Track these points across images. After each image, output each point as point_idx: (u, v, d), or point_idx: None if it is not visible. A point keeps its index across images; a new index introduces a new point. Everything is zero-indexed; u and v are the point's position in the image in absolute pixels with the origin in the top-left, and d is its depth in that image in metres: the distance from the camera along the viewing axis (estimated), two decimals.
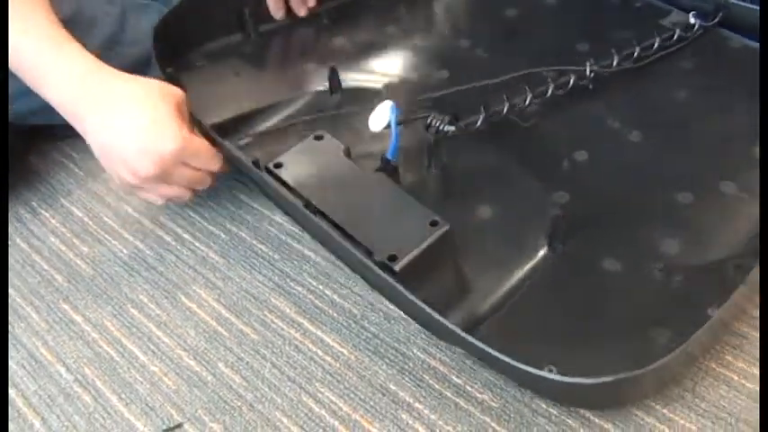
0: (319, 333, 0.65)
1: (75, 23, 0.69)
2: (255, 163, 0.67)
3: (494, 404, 0.59)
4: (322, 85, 0.79)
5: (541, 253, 0.64)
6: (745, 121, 0.71)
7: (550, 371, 0.51)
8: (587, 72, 0.74)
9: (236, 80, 0.81)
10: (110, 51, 0.73)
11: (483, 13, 0.89)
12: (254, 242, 0.73)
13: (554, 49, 0.77)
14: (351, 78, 0.80)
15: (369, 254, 0.59)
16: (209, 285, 0.70)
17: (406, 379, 0.61)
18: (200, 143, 0.68)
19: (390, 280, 0.57)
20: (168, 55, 0.75)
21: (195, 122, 0.69)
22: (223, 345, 0.66)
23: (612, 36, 0.78)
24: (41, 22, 0.66)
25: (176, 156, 0.65)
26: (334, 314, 0.66)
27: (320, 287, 0.69)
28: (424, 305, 0.54)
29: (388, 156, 0.67)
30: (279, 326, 0.66)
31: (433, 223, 0.61)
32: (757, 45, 0.77)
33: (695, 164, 0.69)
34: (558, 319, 0.60)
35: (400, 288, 0.56)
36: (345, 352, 0.64)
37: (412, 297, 0.55)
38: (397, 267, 0.58)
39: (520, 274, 0.63)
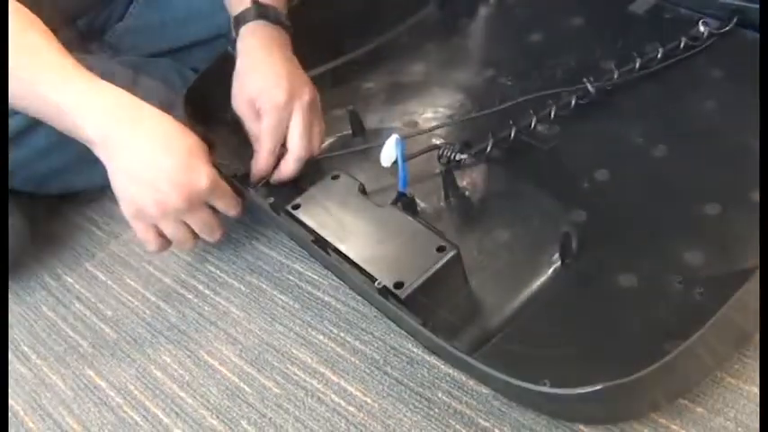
0: (342, 383, 0.64)
1: None
2: (273, 206, 0.68)
3: None
4: (348, 128, 0.80)
5: (554, 270, 0.62)
6: None
7: (544, 384, 0.48)
8: (590, 89, 0.72)
9: None
10: None
11: (508, 41, 0.89)
12: (275, 293, 0.72)
13: (579, 70, 0.76)
14: (377, 119, 0.81)
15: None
16: (230, 341, 0.69)
17: (432, 425, 0.59)
18: (227, 186, 0.69)
19: (395, 308, 0.57)
20: (199, 115, 0.76)
21: (218, 172, 0.69)
22: (245, 401, 0.64)
23: (641, 51, 0.75)
24: (63, 61, 0.66)
25: (207, 193, 0.66)
26: (356, 361, 0.65)
27: (341, 334, 0.67)
28: (424, 329, 0.54)
29: (400, 188, 0.67)
30: (301, 377, 0.65)
31: (440, 249, 0.60)
32: None
33: (724, 174, 0.66)
34: (567, 336, 0.58)
35: (404, 314, 0.56)
36: (369, 400, 0.62)
37: (415, 323, 0.54)
38: (403, 295, 0.58)
39: (531, 291, 0.62)
